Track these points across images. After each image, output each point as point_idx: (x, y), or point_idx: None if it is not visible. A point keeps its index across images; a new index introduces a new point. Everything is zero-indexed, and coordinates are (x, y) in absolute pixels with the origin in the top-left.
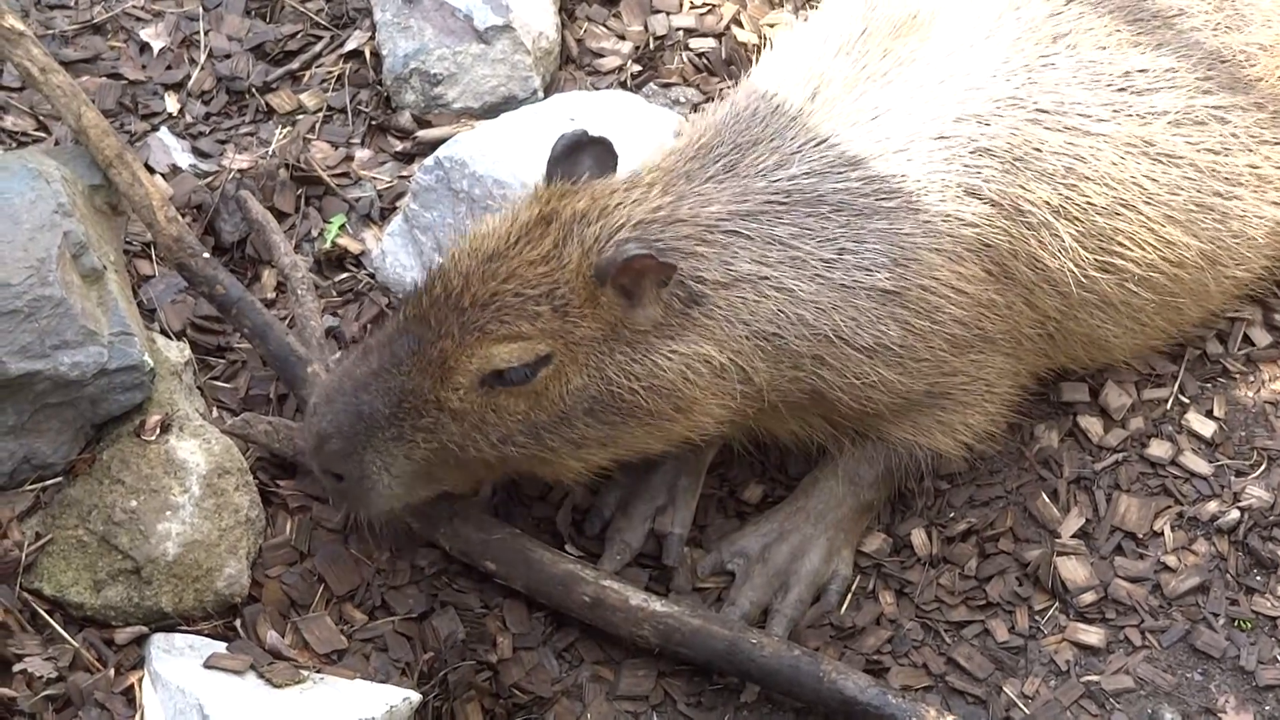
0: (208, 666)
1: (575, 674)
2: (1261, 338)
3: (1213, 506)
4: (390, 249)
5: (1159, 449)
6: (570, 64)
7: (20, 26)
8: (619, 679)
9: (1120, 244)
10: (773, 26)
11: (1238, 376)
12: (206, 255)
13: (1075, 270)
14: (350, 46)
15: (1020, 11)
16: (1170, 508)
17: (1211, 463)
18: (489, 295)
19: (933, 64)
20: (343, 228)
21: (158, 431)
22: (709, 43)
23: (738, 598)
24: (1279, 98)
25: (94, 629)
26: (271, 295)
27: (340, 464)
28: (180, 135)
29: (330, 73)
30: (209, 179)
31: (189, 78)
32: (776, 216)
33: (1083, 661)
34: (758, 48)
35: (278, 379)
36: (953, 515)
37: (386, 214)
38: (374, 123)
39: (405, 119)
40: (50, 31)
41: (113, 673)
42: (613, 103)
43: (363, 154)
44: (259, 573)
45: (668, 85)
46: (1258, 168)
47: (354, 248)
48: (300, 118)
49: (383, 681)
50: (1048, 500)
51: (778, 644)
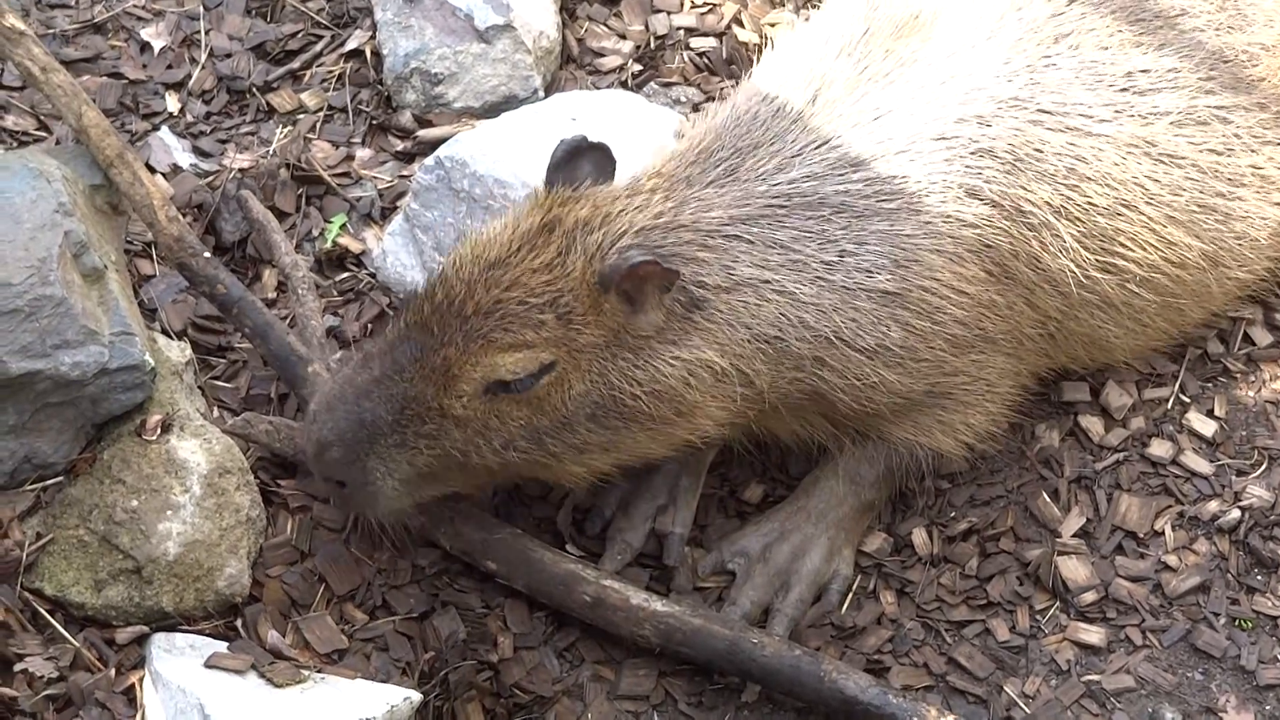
0: (209, 666)
1: (576, 673)
2: (1262, 337)
3: (1213, 506)
4: (391, 248)
5: (1160, 448)
6: (571, 63)
7: (21, 26)
8: (620, 678)
9: (1122, 244)
10: (774, 26)
11: (1239, 376)
12: (207, 255)
13: (1076, 271)
14: (351, 46)
15: (1022, 12)
16: (1171, 507)
17: (1212, 462)
18: (492, 303)
19: (934, 64)
20: (343, 227)
21: (158, 431)
22: (710, 42)
23: (739, 597)
24: None
25: (95, 629)
26: (272, 295)
27: (342, 471)
28: (181, 135)
29: (331, 72)
30: (210, 178)
31: (190, 77)
32: (777, 220)
33: (1083, 661)
34: (759, 47)
35: (278, 379)
36: (954, 515)
37: (387, 213)
38: (375, 122)
39: (406, 118)
40: (51, 31)
41: (113, 672)
42: (614, 102)
43: (363, 153)
44: (260, 572)
45: (669, 85)
46: (1260, 168)
47: (355, 247)
48: (301, 117)
49: (384, 681)
50: (1048, 500)
51: (779, 644)
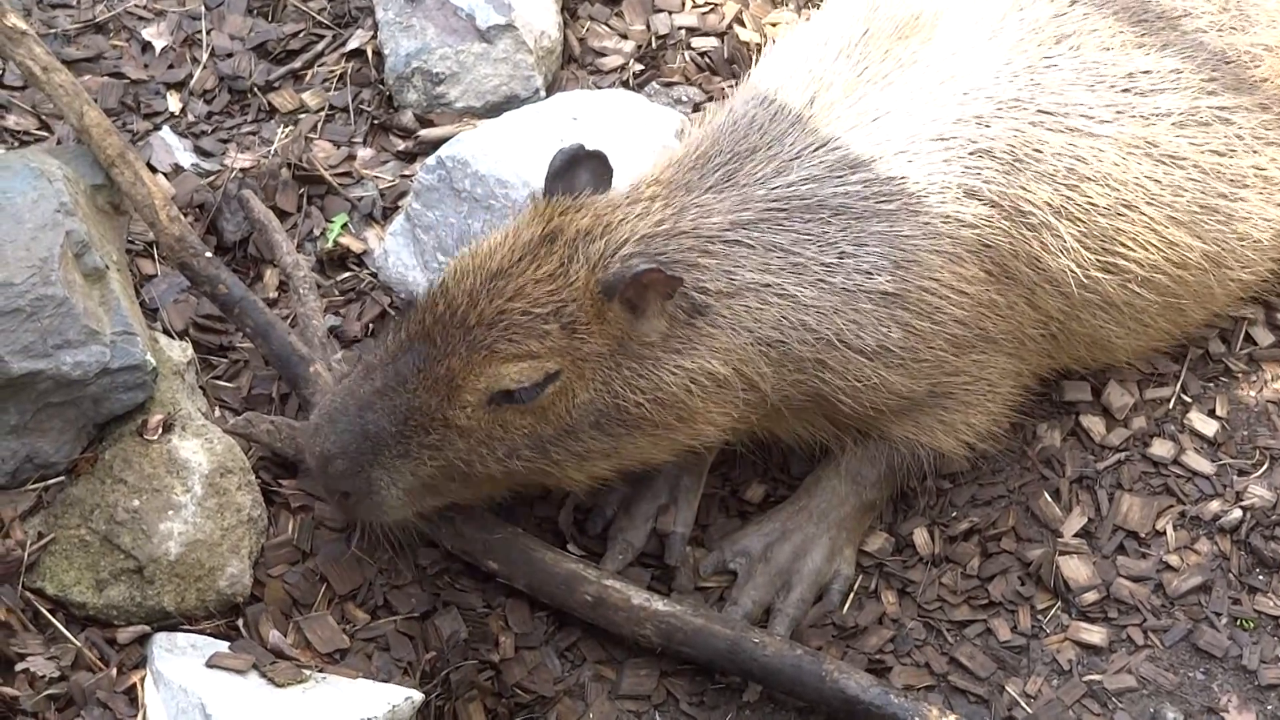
0: (210, 666)
1: (577, 673)
2: (1264, 337)
3: (1215, 506)
4: (392, 248)
5: (1161, 448)
6: (572, 63)
7: (22, 25)
8: (621, 678)
9: (1123, 245)
10: (775, 25)
11: (1240, 376)
12: (209, 254)
13: (1077, 271)
14: (352, 46)
15: (1024, 12)
16: (1172, 507)
17: (1214, 462)
18: (496, 314)
19: (934, 65)
20: (345, 227)
21: (160, 431)
22: (711, 42)
23: (740, 597)
24: None
25: (96, 628)
26: (274, 294)
27: (347, 482)
28: (182, 134)
29: (332, 72)
30: (211, 178)
31: (191, 77)
32: (777, 224)
33: (1085, 661)
34: (760, 47)
35: (280, 378)
36: (955, 514)
37: (388, 213)
38: (376, 122)
39: (407, 118)
40: (52, 30)
41: (115, 672)
42: (615, 102)
43: (365, 153)
44: (261, 572)
45: (670, 84)
46: (1263, 169)
47: (356, 247)
48: (302, 117)
49: (385, 681)
50: (1050, 499)
51: (780, 643)
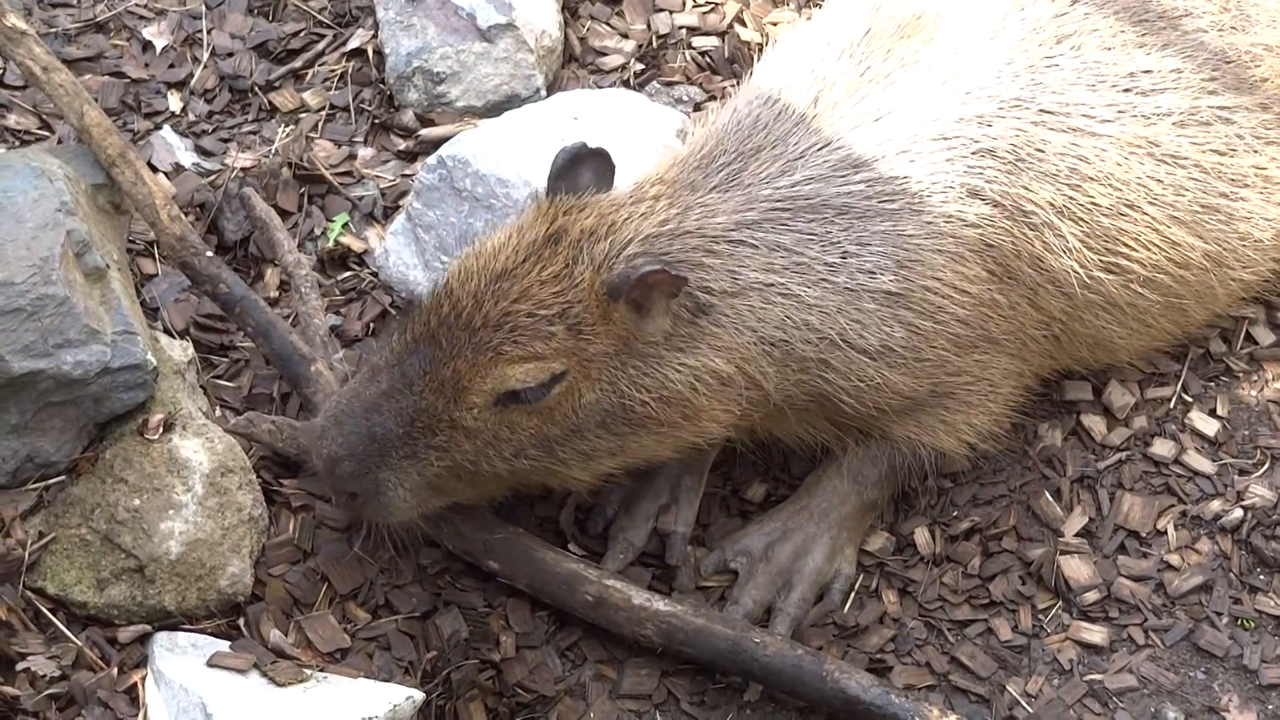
0: (211, 665)
1: (578, 673)
2: (1265, 336)
3: (1216, 505)
4: (393, 248)
5: (1162, 448)
6: (573, 62)
7: (23, 25)
8: (622, 678)
9: (1125, 245)
10: (776, 25)
11: (1241, 375)
12: (209, 254)
13: (1080, 271)
14: (353, 45)
15: (1025, 12)
16: (1173, 506)
17: (1215, 461)
18: (501, 315)
19: (936, 65)
20: (346, 226)
21: (161, 430)
22: (712, 41)
23: (741, 596)
24: None
25: (97, 628)
26: (275, 294)
27: (354, 484)
28: (183, 134)
29: (333, 71)
30: (212, 177)
31: (192, 76)
32: (781, 224)
33: (1086, 660)
34: (761, 46)
35: (281, 378)
36: (956, 514)
37: (389, 213)
38: (377, 121)
39: (408, 117)
40: (53, 30)
41: (116, 671)
42: (616, 101)
43: (365, 152)
44: (262, 571)
45: (671, 84)
46: (1264, 169)
47: (357, 246)
48: (303, 116)
49: (386, 680)
50: (1051, 499)
51: (781, 643)
